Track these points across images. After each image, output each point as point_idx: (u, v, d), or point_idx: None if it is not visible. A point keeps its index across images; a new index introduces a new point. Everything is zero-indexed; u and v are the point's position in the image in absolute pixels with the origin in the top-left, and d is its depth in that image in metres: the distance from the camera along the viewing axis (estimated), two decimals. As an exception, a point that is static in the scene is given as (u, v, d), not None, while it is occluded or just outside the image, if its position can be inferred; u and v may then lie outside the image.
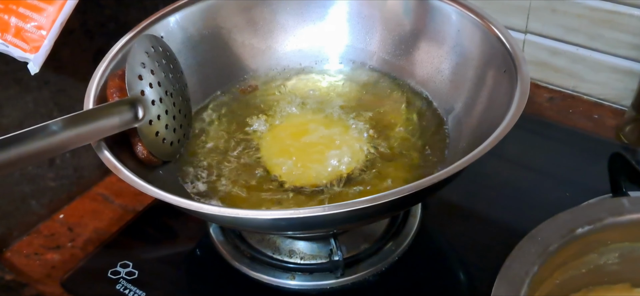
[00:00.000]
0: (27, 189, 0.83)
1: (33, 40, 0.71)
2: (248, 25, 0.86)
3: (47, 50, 0.71)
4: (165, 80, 0.69)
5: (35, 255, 0.81)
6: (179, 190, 0.70)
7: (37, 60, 0.71)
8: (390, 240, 0.75)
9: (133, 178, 0.58)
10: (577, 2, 0.92)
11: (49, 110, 0.83)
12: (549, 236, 0.54)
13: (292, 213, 0.54)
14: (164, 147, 0.69)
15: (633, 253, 0.57)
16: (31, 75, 0.71)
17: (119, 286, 0.73)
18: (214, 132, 0.78)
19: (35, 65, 0.71)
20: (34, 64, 0.71)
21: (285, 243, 0.75)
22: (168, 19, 0.79)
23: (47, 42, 0.71)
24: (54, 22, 0.71)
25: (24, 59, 0.71)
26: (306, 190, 0.69)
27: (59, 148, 0.59)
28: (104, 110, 0.63)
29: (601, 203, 0.66)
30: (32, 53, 0.71)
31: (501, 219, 0.79)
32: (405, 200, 0.57)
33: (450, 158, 0.71)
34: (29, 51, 0.71)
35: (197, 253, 0.78)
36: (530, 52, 1.00)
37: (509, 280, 0.51)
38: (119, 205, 0.87)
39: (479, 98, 0.73)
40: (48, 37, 0.71)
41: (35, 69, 0.71)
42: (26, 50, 0.71)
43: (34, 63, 0.71)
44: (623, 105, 0.96)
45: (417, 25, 0.82)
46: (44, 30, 0.71)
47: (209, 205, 0.67)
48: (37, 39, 0.71)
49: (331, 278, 0.72)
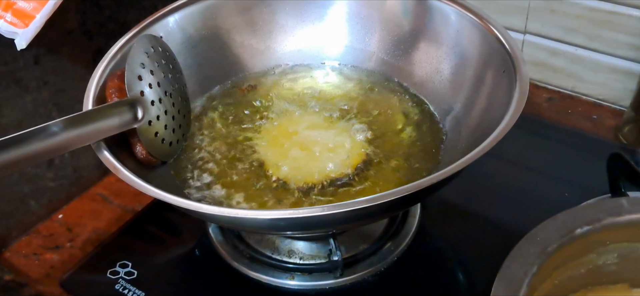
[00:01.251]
0: (26, 189, 0.83)
1: (24, 16, 0.69)
2: (247, 26, 0.86)
3: (37, 27, 0.70)
4: (164, 80, 0.69)
5: (34, 255, 0.81)
6: (177, 190, 0.70)
7: (25, 36, 0.70)
8: (389, 240, 0.75)
9: (132, 178, 0.58)
10: (576, 2, 0.92)
11: (48, 111, 0.83)
12: (548, 236, 0.54)
13: (291, 213, 0.54)
14: (163, 147, 0.69)
15: (632, 253, 0.57)
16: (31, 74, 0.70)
17: (118, 287, 0.73)
18: (213, 132, 0.78)
19: (23, 39, 0.70)
20: (21, 38, 0.70)
21: (285, 243, 0.75)
22: (167, 19, 0.79)
23: (38, 19, 0.70)
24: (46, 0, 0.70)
25: (11, 33, 0.70)
26: (305, 189, 0.69)
27: (59, 149, 0.59)
28: (104, 111, 0.63)
29: (600, 204, 0.66)
30: (21, 28, 0.70)
31: (500, 219, 0.79)
32: (405, 200, 0.58)
33: (449, 159, 0.71)
34: (18, 26, 0.70)
35: (196, 253, 0.78)
36: (529, 53, 1.00)
37: (508, 280, 0.51)
38: (118, 205, 0.87)
39: (478, 98, 0.73)
40: (39, 14, 0.70)
41: (23, 44, 0.70)
42: (15, 25, 0.70)
43: (21, 38, 0.70)
44: (622, 106, 0.96)
45: (416, 25, 0.82)
46: (35, 7, 0.70)
47: (208, 205, 0.67)
48: (28, 15, 0.69)
49: (330, 278, 0.72)
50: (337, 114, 0.79)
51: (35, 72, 0.79)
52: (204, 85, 0.83)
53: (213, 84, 0.84)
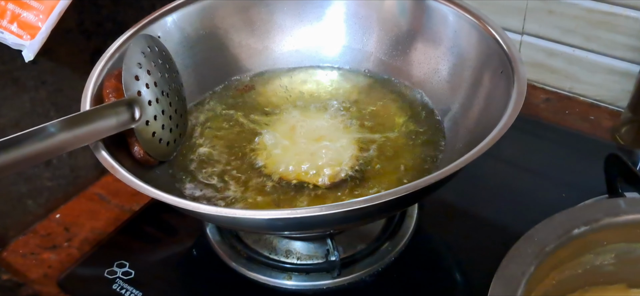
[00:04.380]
0: (23, 189, 0.83)
1: (29, 27, 0.70)
2: (245, 26, 0.86)
3: (43, 38, 0.70)
4: (161, 80, 0.69)
5: (32, 254, 0.80)
6: (175, 190, 0.70)
7: (32, 47, 0.70)
8: (387, 241, 0.75)
9: (130, 178, 0.58)
10: (574, 3, 0.92)
11: (46, 110, 0.82)
12: (545, 236, 0.54)
13: (289, 213, 0.54)
14: (160, 147, 0.69)
15: (629, 253, 0.57)
16: (29, 73, 0.70)
17: (115, 286, 0.73)
18: (210, 132, 0.78)
19: (30, 51, 0.70)
20: (28, 50, 0.70)
21: (282, 243, 0.75)
22: (165, 19, 0.79)
23: (44, 30, 0.70)
24: (52, 10, 0.70)
25: (18, 45, 0.70)
26: (303, 188, 0.69)
27: (57, 150, 0.59)
28: (102, 112, 0.63)
29: (597, 204, 0.66)
30: (27, 40, 0.70)
31: (498, 219, 0.79)
32: (402, 201, 0.58)
33: (446, 159, 0.71)
34: (25, 38, 0.70)
35: (194, 253, 0.78)
36: (526, 53, 1.00)
37: (505, 280, 0.51)
38: (115, 205, 0.87)
39: (476, 99, 0.73)
40: (45, 25, 0.70)
41: (30, 56, 0.70)
42: (21, 37, 0.70)
43: (28, 50, 0.70)
44: (619, 107, 0.96)
45: (414, 26, 0.82)
46: (41, 17, 0.70)
47: (205, 204, 0.67)
48: (33, 26, 0.70)
49: (328, 278, 0.72)
50: (335, 114, 0.79)
51: (32, 71, 0.79)
52: (202, 85, 0.83)
53: (211, 84, 0.84)
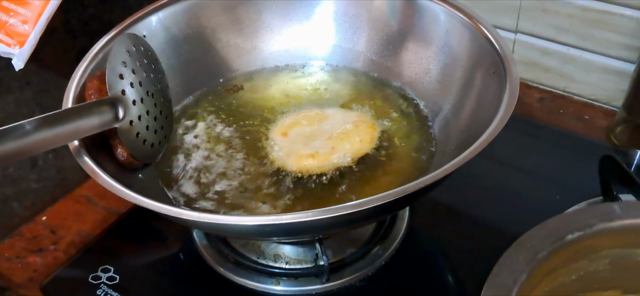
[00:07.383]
0: (8, 191, 0.82)
1: (18, 34, 0.69)
2: (233, 25, 0.85)
3: (32, 45, 0.70)
4: (146, 80, 0.68)
5: (17, 258, 0.80)
6: (160, 194, 0.69)
7: (22, 56, 0.70)
8: (377, 244, 0.75)
9: (112, 183, 0.58)
10: (568, 1, 0.91)
11: (31, 111, 0.82)
12: (538, 243, 0.53)
13: (276, 220, 0.53)
14: (144, 149, 0.68)
15: (624, 259, 0.57)
16: (13, 74, 0.69)
17: (99, 292, 0.72)
18: (197, 133, 0.77)
19: (19, 60, 0.70)
20: (18, 59, 0.70)
21: (270, 247, 0.74)
22: (150, 18, 0.78)
23: (33, 37, 0.70)
24: (39, 16, 0.70)
25: (8, 54, 0.70)
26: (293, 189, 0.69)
27: (35, 148, 0.58)
28: (83, 110, 0.62)
29: (592, 209, 0.65)
30: (17, 48, 0.69)
31: (490, 221, 0.79)
32: (391, 205, 0.57)
33: (438, 161, 0.71)
34: (13, 46, 0.69)
35: (181, 258, 0.77)
36: (520, 52, 1.00)
37: (496, 288, 0.50)
38: (102, 207, 0.86)
39: (468, 99, 0.73)
40: (33, 32, 0.70)
41: (20, 65, 0.70)
42: (10, 45, 0.69)
43: (18, 58, 0.70)
44: (614, 106, 0.95)
45: (405, 25, 0.82)
46: (29, 24, 0.69)
47: (190, 210, 0.66)
48: (22, 33, 0.69)
49: (317, 283, 0.71)
50: (325, 114, 0.78)
51: (17, 72, 0.77)
52: (189, 86, 0.82)
53: (198, 85, 0.83)
